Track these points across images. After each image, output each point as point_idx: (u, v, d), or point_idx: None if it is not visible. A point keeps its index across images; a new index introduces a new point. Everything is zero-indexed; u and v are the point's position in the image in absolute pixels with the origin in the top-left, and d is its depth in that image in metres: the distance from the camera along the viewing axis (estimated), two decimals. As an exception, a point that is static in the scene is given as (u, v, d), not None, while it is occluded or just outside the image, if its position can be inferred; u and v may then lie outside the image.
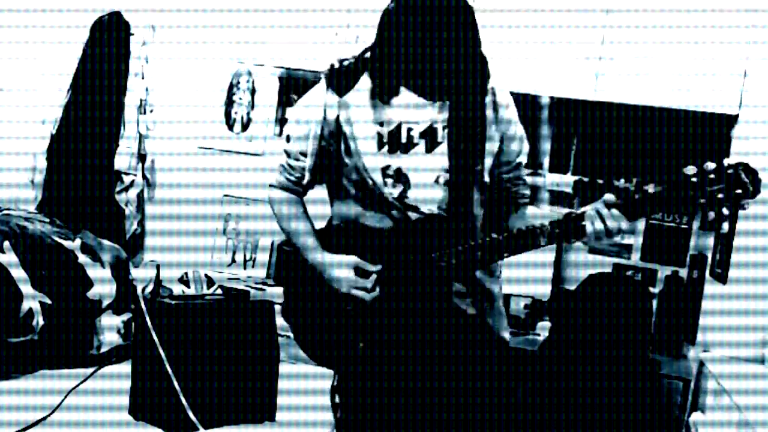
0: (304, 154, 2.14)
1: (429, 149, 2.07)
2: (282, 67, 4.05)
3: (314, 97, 2.14)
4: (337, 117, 2.08)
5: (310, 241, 2.14)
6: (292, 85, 4.28)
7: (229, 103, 4.37)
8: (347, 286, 2.08)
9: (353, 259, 2.08)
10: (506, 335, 2.17)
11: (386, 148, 2.07)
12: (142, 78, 4.31)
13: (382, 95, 2.07)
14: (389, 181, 2.07)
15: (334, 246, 2.12)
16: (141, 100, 4.32)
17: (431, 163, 2.07)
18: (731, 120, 3.45)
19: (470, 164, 2.07)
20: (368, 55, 2.10)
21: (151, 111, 4.34)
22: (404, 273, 2.06)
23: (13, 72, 4.29)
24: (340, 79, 2.12)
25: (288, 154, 2.17)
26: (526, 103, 3.77)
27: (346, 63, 2.13)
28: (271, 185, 2.22)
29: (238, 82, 4.36)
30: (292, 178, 2.18)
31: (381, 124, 2.07)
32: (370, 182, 2.07)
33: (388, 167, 2.07)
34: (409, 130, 2.07)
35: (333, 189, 2.20)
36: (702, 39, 3.40)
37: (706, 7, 3.41)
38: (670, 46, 3.44)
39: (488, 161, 2.08)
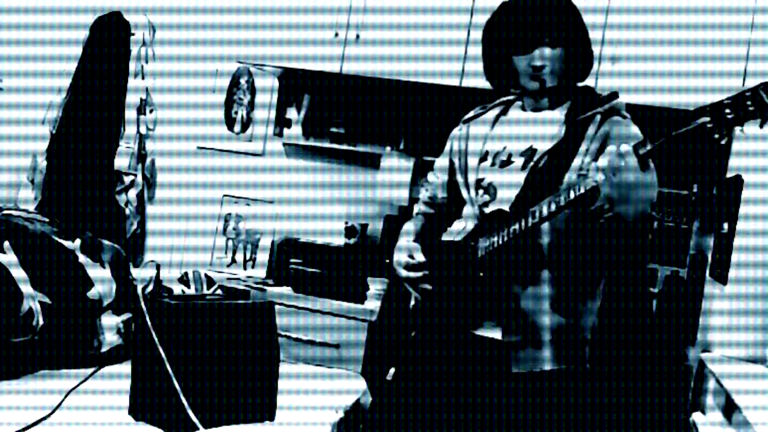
0: (440, 182, 2.30)
1: (523, 167, 2.05)
2: (282, 67, 4.06)
3: (455, 130, 2.27)
4: (458, 147, 2.20)
5: (402, 241, 2.23)
6: (292, 85, 4.29)
7: (229, 103, 4.37)
8: (396, 262, 2.16)
9: (411, 244, 2.17)
10: None
11: (488, 162, 2.11)
12: (142, 78, 4.32)
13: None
14: (480, 191, 2.11)
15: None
16: (141, 100, 4.33)
17: (519, 180, 2.03)
18: (731, 120, 3.44)
19: (543, 183, 1.97)
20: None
21: (151, 111, 4.34)
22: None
23: (13, 72, 4.29)
24: (473, 111, 2.26)
25: (428, 186, 2.35)
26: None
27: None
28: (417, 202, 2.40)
29: (238, 82, 4.36)
30: (429, 194, 2.34)
31: (491, 142, 2.14)
32: (467, 196, 2.13)
33: (482, 179, 2.11)
34: (512, 150, 2.09)
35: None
36: (702, 39, 3.40)
37: (706, 7, 3.41)
38: (669, 47, 3.44)
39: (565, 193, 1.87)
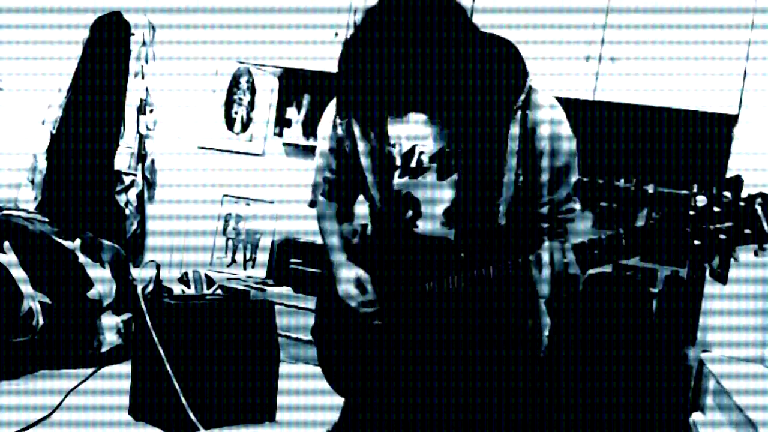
0: (331, 170, 2.03)
1: (441, 176, 1.83)
2: (282, 67, 4.05)
3: (327, 113, 2.00)
4: (343, 135, 1.93)
5: (336, 241, 2.02)
6: (292, 85, 4.28)
7: (229, 103, 4.37)
8: (344, 292, 1.93)
9: (361, 274, 1.92)
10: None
11: (399, 171, 1.86)
12: (142, 78, 4.32)
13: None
14: (402, 206, 1.87)
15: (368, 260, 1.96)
16: (141, 100, 4.32)
17: (441, 192, 1.83)
18: (731, 120, 3.44)
19: (478, 198, 1.80)
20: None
21: (151, 111, 4.34)
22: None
23: (13, 72, 4.29)
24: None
25: (324, 168, 2.05)
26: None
27: None
28: (315, 199, 2.10)
29: (238, 82, 4.36)
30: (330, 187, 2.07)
31: (392, 144, 1.86)
32: (375, 203, 1.92)
33: (399, 192, 1.87)
34: (421, 152, 1.84)
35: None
36: (702, 39, 3.40)
37: (705, 7, 3.41)
38: (669, 46, 3.44)
39: (506, 194, 1.80)
